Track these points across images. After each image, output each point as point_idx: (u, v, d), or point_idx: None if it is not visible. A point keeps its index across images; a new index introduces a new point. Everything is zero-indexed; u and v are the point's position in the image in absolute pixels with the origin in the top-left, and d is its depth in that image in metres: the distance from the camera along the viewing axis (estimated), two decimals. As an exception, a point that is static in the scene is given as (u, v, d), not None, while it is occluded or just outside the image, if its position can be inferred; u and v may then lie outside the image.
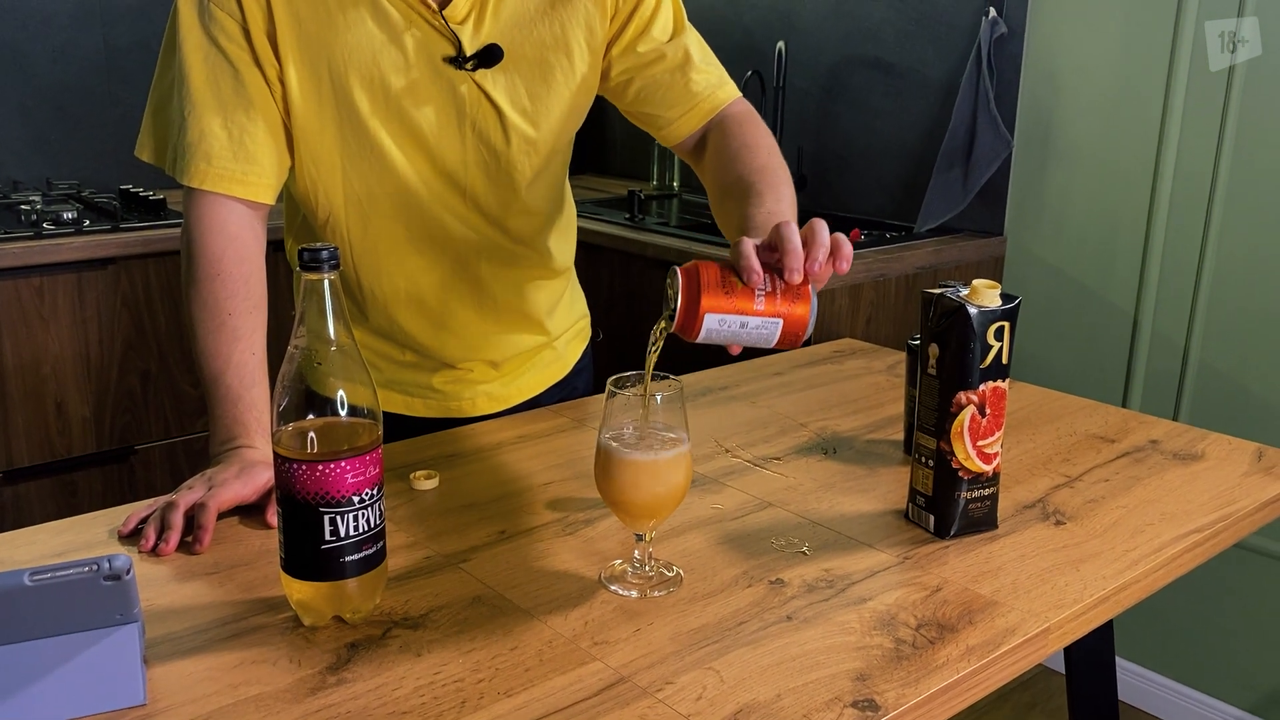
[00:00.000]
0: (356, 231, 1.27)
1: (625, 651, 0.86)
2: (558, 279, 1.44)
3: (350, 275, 1.31)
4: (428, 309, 1.34)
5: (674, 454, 0.92)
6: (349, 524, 0.84)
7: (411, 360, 1.38)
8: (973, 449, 1.04)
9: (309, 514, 0.84)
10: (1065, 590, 0.98)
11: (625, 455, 0.92)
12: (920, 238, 2.28)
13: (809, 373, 1.60)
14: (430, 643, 0.87)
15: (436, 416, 1.40)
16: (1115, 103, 2.12)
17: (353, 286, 1.32)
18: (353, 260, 1.30)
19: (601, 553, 1.02)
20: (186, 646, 0.86)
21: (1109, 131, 2.13)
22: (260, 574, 0.97)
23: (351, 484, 0.83)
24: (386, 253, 1.29)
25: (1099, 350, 2.21)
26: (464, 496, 1.14)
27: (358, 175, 1.23)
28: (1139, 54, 2.07)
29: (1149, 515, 1.13)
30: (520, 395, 1.45)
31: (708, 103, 1.33)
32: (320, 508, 0.83)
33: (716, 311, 0.92)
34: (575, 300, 1.53)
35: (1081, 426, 1.39)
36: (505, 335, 1.40)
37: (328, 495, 0.83)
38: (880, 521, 1.11)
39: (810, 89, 2.62)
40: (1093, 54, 2.13)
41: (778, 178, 1.22)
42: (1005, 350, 1.04)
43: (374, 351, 1.37)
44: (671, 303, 0.93)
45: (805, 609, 0.93)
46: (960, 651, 0.88)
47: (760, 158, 1.25)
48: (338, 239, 1.28)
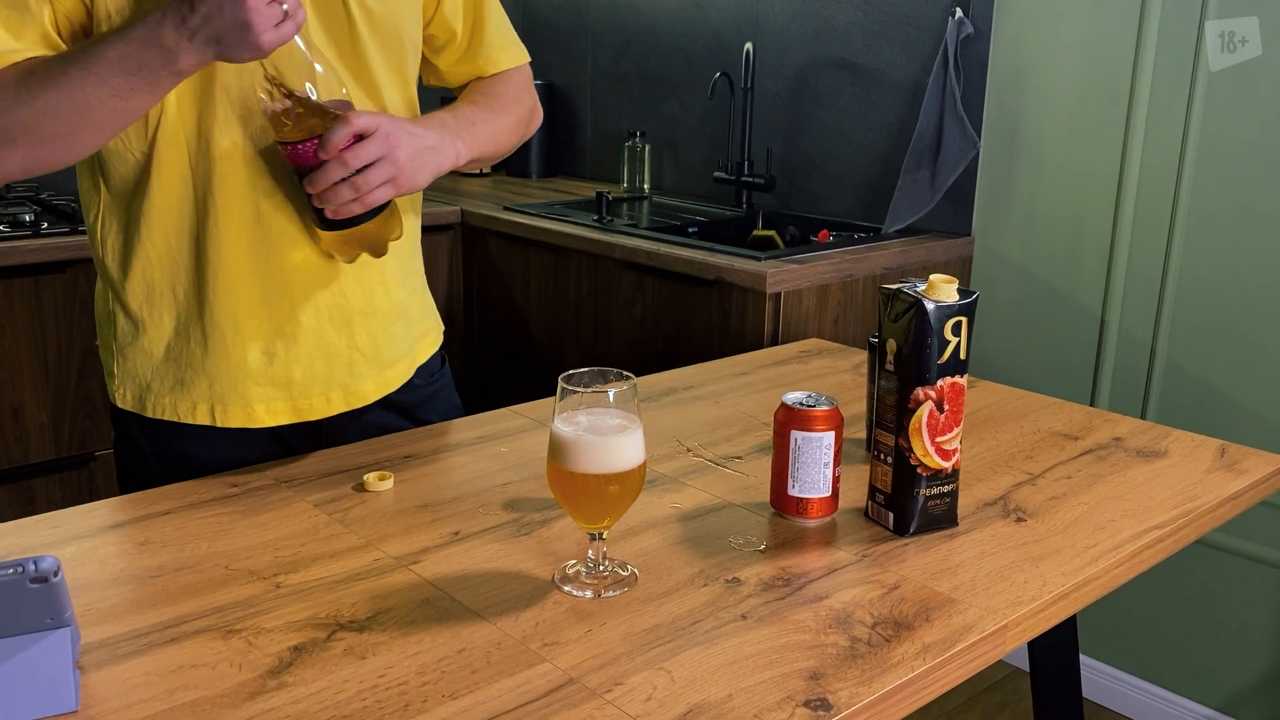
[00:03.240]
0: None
1: (575, 652, 0.84)
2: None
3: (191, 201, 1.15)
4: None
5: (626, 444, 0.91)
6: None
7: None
8: (931, 445, 1.03)
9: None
10: (1024, 587, 0.97)
11: (576, 449, 0.90)
12: (888, 238, 2.28)
13: (774, 372, 1.59)
14: (376, 645, 0.85)
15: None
16: (1081, 103, 2.12)
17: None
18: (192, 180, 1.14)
19: (556, 553, 1.01)
20: (124, 651, 0.84)
21: (1075, 131, 2.14)
22: (205, 577, 0.95)
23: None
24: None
25: (1067, 350, 2.21)
26: (419, 497, 1.12)
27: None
28: (1105, 54, 2.07)
29: (1110, 512, 1.13)
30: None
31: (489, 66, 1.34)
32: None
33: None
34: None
35: (1045, 424, 1.38)
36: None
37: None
38: (840, 519, 1.09)
39: (778, 90, 2.61)
40: (1059, 54, 2.14)
41: (494, 106, 1.27)
42: (963, 345, 1.03)
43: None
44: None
45: (760, 608, 0.92)
46: (916, 649, 0.86)
47: (502, 100, 1.30)
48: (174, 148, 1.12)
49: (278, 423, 1.21)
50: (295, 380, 1.20)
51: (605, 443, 0.90)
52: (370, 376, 1.25)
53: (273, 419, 1.20)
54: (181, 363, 1.17)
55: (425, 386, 1.34)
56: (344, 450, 1.24)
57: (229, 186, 1.13)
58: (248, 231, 1.14)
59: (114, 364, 1.20)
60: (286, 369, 1.19)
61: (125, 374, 1.19)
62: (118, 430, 1.23)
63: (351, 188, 1.07)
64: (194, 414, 1.18)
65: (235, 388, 1.18)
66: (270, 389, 1.19)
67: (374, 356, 1.25)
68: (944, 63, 2.21)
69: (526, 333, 2.49)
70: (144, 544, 1.01)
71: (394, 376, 1.28)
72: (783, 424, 1.06)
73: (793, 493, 1.07)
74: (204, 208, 1.13)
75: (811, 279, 2.00)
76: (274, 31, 0.98)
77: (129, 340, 1.18)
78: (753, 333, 1.98)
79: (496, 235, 2.52)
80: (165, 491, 1.12)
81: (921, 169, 2.26)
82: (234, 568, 0.97)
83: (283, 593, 0.93)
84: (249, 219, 1.14)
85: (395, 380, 1.29)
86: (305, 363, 1.20)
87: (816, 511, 1.07)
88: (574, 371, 0.93)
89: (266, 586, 0.94)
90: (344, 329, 1.22)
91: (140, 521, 1.06)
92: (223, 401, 1.19)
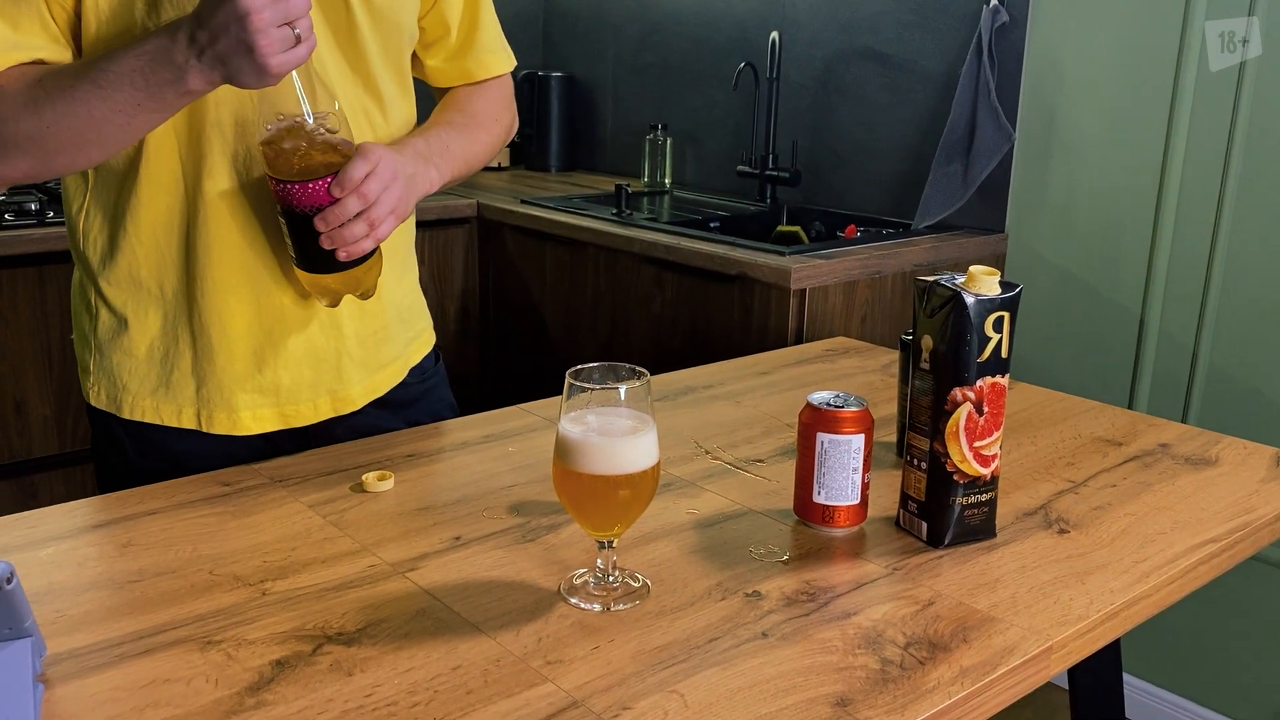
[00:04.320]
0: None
1: (581, 672, 0.77)
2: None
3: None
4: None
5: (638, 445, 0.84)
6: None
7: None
8: (969, 450, 0.96)
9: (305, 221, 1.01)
10: (1070, 605, 0.89)
11: (584, 450, 0.83)
12: (918, 234, 2.20)
13: (798, 371, 1.52)
14: (364, 660, 0.78)
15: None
16: (1122, 94, 2.03)
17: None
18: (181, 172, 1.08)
19: (563, 562, 0.94)
20: (93, 663, 0.77)
21: (1115, 124, 2.05)
22: (187, 582, 0.89)
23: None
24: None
25: (1103, 351, 2.12)
26: (420, 499, 1.06)
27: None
28: (1147, 43, 1.98)
29: (1160, 524, 1.05)
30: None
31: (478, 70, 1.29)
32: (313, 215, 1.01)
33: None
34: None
35: (1086, 429, 1.30)
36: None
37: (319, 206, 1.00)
38: (869, 529, 1.02)
39: (805, 82, 2.53)
40: (1099, 43, 2.05)
41: (469, 126, 1.23)
42: (1005, 343, 0.95)
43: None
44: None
45: (783, 625, 0.85)
46: (953, 673, 0.79)
47: (480, 117, 1.26)
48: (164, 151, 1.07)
49: (263, 430, 1.15)
50: (282, 386, 1.15)
51: (615, 443, 0.84)
52: (359, 381, 1.20)
53: (258, 425, 1.15)
54: (167, 364, 1.12)
55: (417, 384, 1.28)
56: (343, 448, 1.17)
57: (220, 182, 1.07)
58: (239, 230, 1.09)
59: (90, 360, 1.14)
60: (275, 374, 1.14)
61: (101, 371, 1.13)
62: (96, 426, 1.17)
63: (366, 223, 1.01)
64: (179, 418, 1.13)
65: (221, 393, 1.13)
66: (257, 395, 1.14)
67: (364, 361, 1.20)
68: (978, 52, 2.12)
69: (542, 329, 2.43)
70: (126, 546, 0.95)
71: (384, 380, 1.23)
72: (808, 426, 0.99)
73: (818, 500, 0.99)
74: (194, 204, 1.08)
75: (838, 275, 1.92)
76: (282, 56, 0.92)
77: (109, 336, 1.13)
78: (776, 331, 1.90)
79: (513, 229, 2.46)
80: (152, 490, 1.06)
81: (953, 163, 2.17)
82: (219, 573, 0.91)
83: (269, 601, 0.86)
84: (241, 216, 1.09)
85: (385, 384, 1.23)
86: (293, 368, 1.15)
87: (844, 520, 1.00)
88: (583, 367, 0.86)
89: (252, 594, 0.88)
90: (334, 333, 1.16)
91: (124, 522, 1.00)
92: (208, 406, 1.13)
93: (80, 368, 1.17)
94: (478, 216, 2.53)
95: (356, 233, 1.02)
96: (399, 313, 1.24)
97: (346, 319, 1.17)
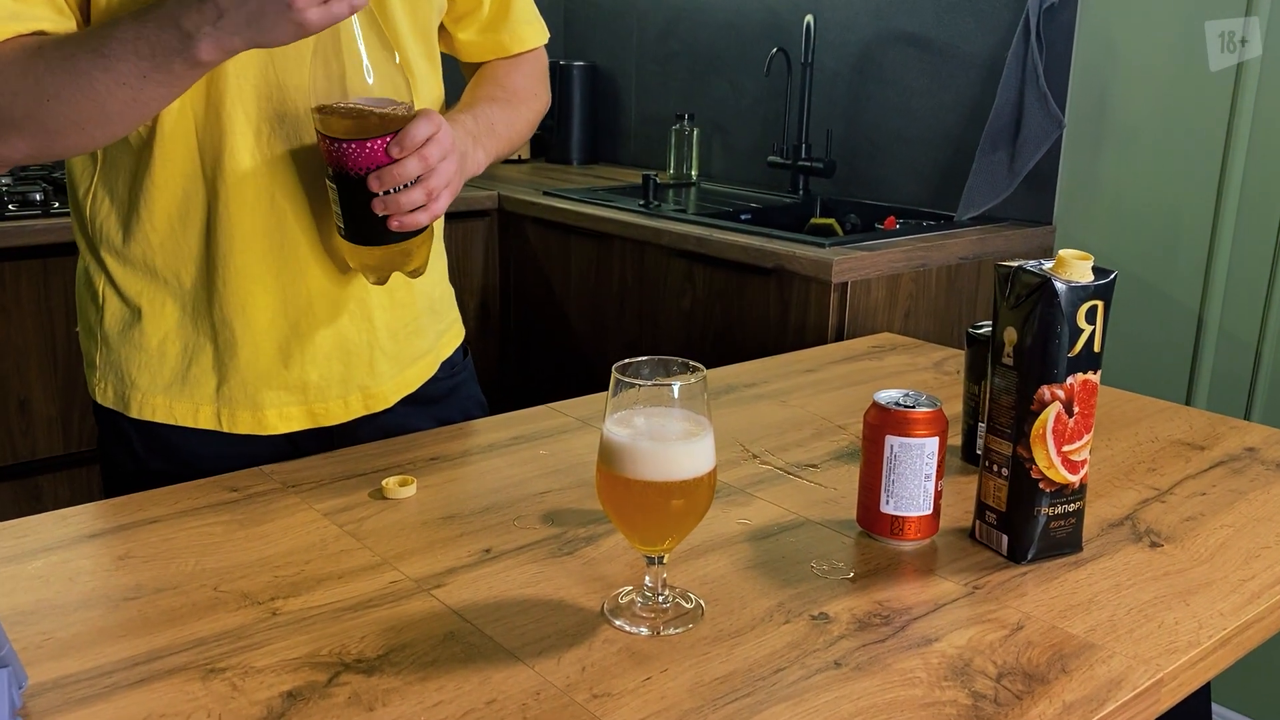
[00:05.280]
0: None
1: (633, 707, 0.68)
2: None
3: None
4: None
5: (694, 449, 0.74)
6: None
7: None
8: (1057, 455, 0.86)
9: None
10: (1176, 630, 0.79)
11: (634, 453, 0.74)
12: (961, 226, 2.09)
13: (845, 369, 1.42)
14: (387, 692, 0.69)
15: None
16: (1180, 76, 1.92)
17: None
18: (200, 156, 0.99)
19: (605, 578, 0.84)
20: (80, 695, 0.68)
21: (1172, 109, 1.94)
22: (189, 600, 0.80)
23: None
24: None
25: (1159, 351, 2.01)
26: (444, 507, 0.97)
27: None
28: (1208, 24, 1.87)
29: (1262, 537, 0.95)
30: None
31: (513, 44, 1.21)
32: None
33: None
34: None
35: (1163, 431, 1.20)
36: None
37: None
38: (940, 542, 0.92)
39: (840, 68, 2.43)
40: (1155, 22, 1.94)
41: (512, 100, 1.16)
42: (1098, 336, 0.85)
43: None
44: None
45: (856, 652, 0.75)
46: (1055, 710, 0.69)
47: (519, 90, 1.19)
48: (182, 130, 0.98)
49: (290, 429, 1.07)
50: (311, 383, 1.06)
51: (668, 446, 0.74)
52: (391, 376, 1.11)
53: (285, 425, 1.06)
54: (184, 359, 1.03)
55: (447, 379, 1.19)
56: (361, 450, 1.08)
57: (242, 161, 0.98)
58: (263, 214, 1.00)
59: (96, 354, 1.06)
60: (303, 370, 1.06)
61: (109, 365, 1.05)
62: (103, 425, 1.09)
63: (424, 190, 0.94)
64: (195, 417, 1.04)
65: (245, 390, 1.04)
66: (284, 392, 1.06)
67: (396, 354, 1.11)
68: (1025, 34, 2.02)
69: (566, 325, 2.33)
70: (123, 558, 0.86)
71: (415, 375, 1.14)
72: (875, 427, 0.89)
73: (886, 509, 0.90)
74: (214, 186, 0.99)
75: (881, 268, 1.82)
76: (321, 9, 0.83)
77: (119, 328, 1.04)
78: (815, 327, 1.81)
79: (535, 222, 2.36)
80: (153, 496, 0.97)
81: (999, 151, 2.07)
82: (224, 589, 0.82)
83: (279, 621, 0.77)
84: (265, 199, 1.00)
85: (417, 379, 1.15)
86: (323, 363, 1.06)
87: (914, 532, 0.90)
88: (630, 361, 0.76)
89: (260, 613, 0.78)
90: (365, 325, 1.08)
91: (122, 531, 0.91)
92: (230, 405, 1.05)
93: (86, 362, 1.08)
94: (498, 209, 2.44)
95: (415, 198, 0.94)
96: (430, 303, 1.16)
97: (377, 309, 1.08)
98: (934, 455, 0.88)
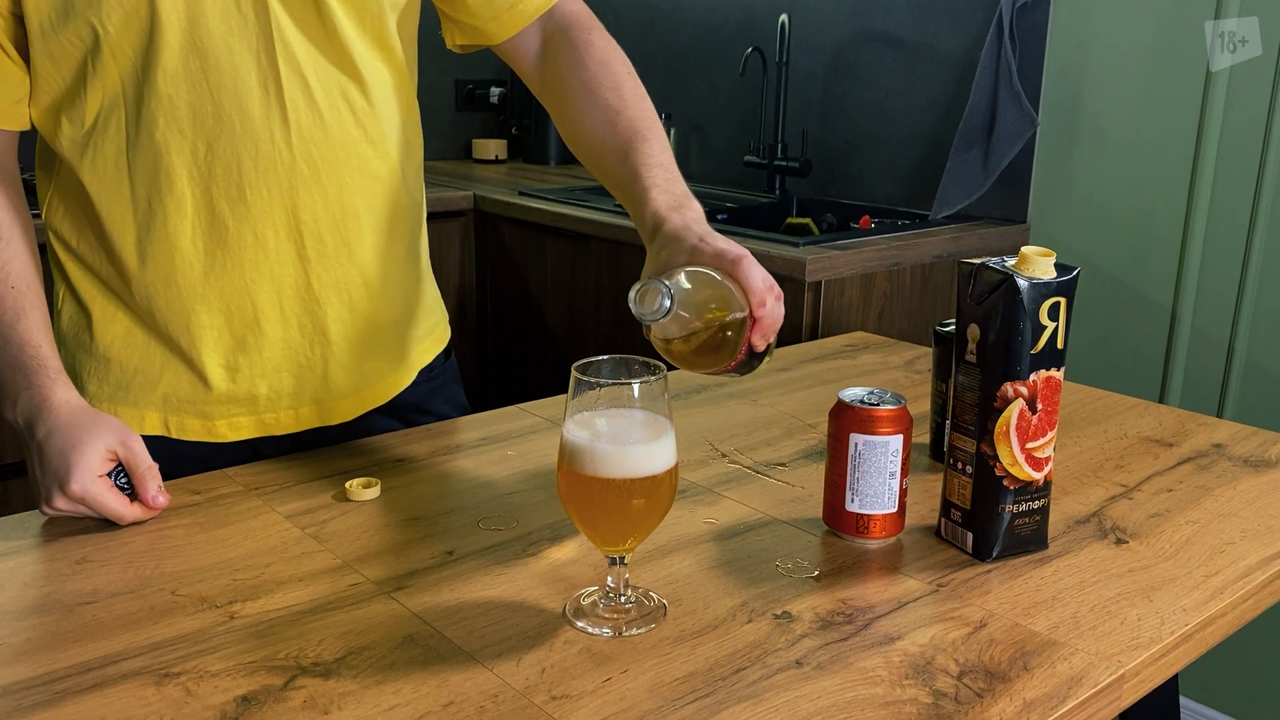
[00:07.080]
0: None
1: (591, 708, 0.67)
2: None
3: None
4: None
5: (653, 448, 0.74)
6: None
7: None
8: (1021, 452, 0.86)
9: None
10: (1139, 626, 0.79)
11: (593, 452, 0.73)
12: (936, 225, 2.10)
13: (817, 368, 1.42)
14: (343, 695, 0.68)
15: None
16: (1153, 75, 1.93)
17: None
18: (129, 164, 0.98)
19: (569, 580, 0.84)
20: (30, 701, 0.67)
21: (1145, 108, 1.95)
22: (146, 604, 0.79)
23: None
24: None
25: (1132, 348, 2.02)
26: (408, 509, 0.96)
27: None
28: (1180, 22, 1.88)
29: (1227, 533, 0.95)
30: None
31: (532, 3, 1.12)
32: None
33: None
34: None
35: (1133, 428, 1.20)
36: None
37: None
38: (906, 539, 0.92)
39: (815, 67, 2.44)
40: (1128, 21, 1.95)
41: (647, 117, 1.09)
42: (1061, 332, 0.85)
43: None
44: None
45: (819, 651, 0.75)
46: (1016, 708, 0.69)
47: (620, 79, 1.12)
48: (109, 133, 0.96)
49: (241, 437, 1.06)
50: (260, 395, 1.05)
51: (628, 444, 0.73)
52: (352, 390, 1.09)
53: (235, 434, 1.05)
54: (129, 369, 1.02)
55: (424, 384, 1.17)
56: (326, 453, 1.07)
57: (178, 181, 0.96)
58: (203, 232, 0.98)
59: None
60: (250, 383, 1.04)
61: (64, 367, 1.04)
62: None
63: (776, 297, 0.87)
64: (142, 425, 1.03)
65: (194, 402, 1.04)
66: (231, 405, 1.05)
67: (356, 367, 1.09)
68: (998, 33, 2.02)
69: (543, 326, 2.32)
70: (81, 562, 0.85)
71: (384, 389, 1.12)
72: (840, 426, 0.89)
73: (851, 508, 0.89)
74: (149, 205, 0.97)
75: (856, 267, 1.82)
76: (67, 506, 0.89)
77: (74, 331, 1.04)
78: (789, 325, 1.81)
79: (511, 222, 2.36)
80: (113, 499, 0.96)
81: (973, 150, 2.07)
82: (183, 593, 0.81)
83: (237, 625, 0.76)
84: (203, 216, 0.98)
85: (386, 392, 1.12)
86: (271, 375, 1.05)
87: (879, 530, 0.90)
88: (590, 360, 0.76)
89: (218, 617, 0.78)
90: (318, 338, 1.05)
91: (80, 535, 0.90)
92: (178, 414, 1.04)
93: None
94: (474, 209, 2.43)
95: (780, 314, 0.86)
96: (407, 311, 1.13)
97: (333, 323, 1.06)
98: (898, 453, 0.88)
